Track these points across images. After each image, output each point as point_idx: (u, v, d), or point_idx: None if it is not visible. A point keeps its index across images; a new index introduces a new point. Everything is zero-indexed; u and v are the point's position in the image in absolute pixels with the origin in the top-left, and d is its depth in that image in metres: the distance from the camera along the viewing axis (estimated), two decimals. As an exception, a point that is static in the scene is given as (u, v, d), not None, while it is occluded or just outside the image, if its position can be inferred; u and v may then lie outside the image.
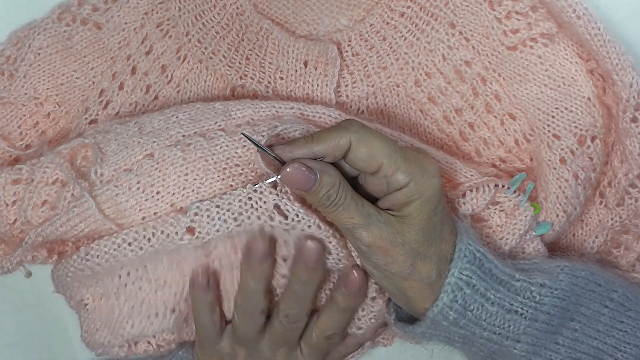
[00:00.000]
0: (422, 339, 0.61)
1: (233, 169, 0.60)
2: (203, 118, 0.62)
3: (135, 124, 0.63)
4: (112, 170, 0.61)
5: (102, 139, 0.62)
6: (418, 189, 0.56)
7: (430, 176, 0.56)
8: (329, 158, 0.57)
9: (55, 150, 0.63)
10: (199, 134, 0.61)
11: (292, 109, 0.63)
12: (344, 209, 0.56)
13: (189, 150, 0.60)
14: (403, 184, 0.56)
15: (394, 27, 0.67)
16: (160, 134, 0.61)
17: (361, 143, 0.56)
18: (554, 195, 0.63)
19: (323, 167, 0.56)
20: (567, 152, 0.63)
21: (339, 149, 0.56)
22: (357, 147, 0.56)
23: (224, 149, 0.60)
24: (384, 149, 0.56)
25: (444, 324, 0.58)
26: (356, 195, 0.57)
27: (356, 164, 0.56)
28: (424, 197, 0.56)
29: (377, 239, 0.56)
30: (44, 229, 0.61)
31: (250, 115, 0.62)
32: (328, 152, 0.56)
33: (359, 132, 0.56)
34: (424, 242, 0.57)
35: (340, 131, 0.56)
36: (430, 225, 0.57)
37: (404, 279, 0.57)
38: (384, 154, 0.56)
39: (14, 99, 0.68)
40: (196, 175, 0.60)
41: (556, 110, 0.64)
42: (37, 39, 0.68)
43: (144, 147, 0.61)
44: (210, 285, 0.62)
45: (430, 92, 0.68)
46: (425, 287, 0.57)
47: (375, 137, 0.56)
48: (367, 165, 0.56)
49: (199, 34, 0.68)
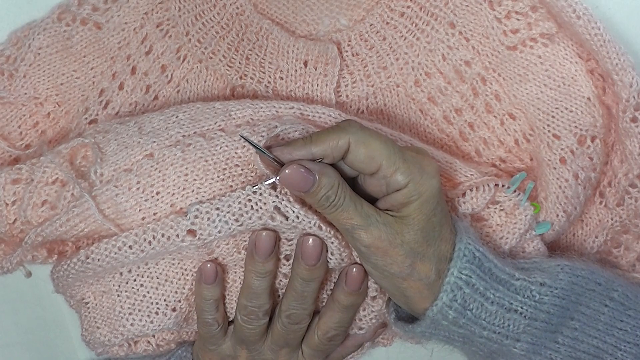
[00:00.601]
0: (422, 338, 0.61)
1: (233, 170, 0.60)
2: (203, 118, 0.62)
3: (135, 123, 0.63)
4: (111, 171, 0.61)
5: (102, 138, 0.62)
6: (417, 189, 0.56)
7: (429, 177, 0.56)
8: (327, 159, 0.57)
9: (55, 150, 0.63)
10: (198, 134, 0.61)
11: (292, 108, 0.63)
12: (342, 210, 0.56)
13: (188, 150, 0.60)
14: (402, 184, 0.56)
15: (394, 27, 0.67)
16: (160, 134, 0.61)
17: (360, 144, 0.56)
18: (554, 195, 0.63)
19: (322, 169, 0.56)
20: (567, 152, 0.63)
21: (338, 150, 0.56)
22: (356, 148, 0.56)
23: (223, 149, 0.60)
24: (382, 150, 0.55)
25: (443, 323, 0.58)
26: (355, 196, 0.57)
27: (355, 165, 0.56)
28: (423, 198, 0.56)
29: (376, 240, 0.56)
30: (43, 229, 0.61)
31: (250, 115, 0.62)
32: (327, 153, 0.56)
33: (358, 133, 0.56)
34: (423, 242, 0.57)
35: (339, 132, 0.56)
36: (429, 226, 0.57)
37: (403, 279, 0.57)
38: (382, 155, 0.55)
39: (14, 99, 0.68)
40: (196, 175, 0.60)
41: (556, 110, 0.64)
42: (37, 39, 0.68)
43: (143, 147, 0.61)
44: (218, 280, 0.62)
45: (430, 92, 0.68)
46: (425, 287, 0.57)
47: (374, 138, 0.56)
48: (366, 166, 0.56)
49: (198, 33, 0.68)
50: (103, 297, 0.64)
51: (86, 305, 0.64)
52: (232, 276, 0.63)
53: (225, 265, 0.63)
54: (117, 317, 0.63)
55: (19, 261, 0.64)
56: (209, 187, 0.60)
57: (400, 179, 0.56)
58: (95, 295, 0.64)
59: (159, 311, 0.63)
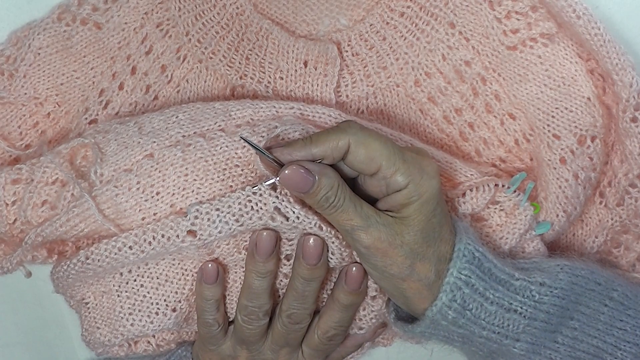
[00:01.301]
0: (422, 338, 0.61)
1: (233, 170, 0.60)
2: (203, 118, 0.62)
3: (135, 123, 0.63)
4: (111, 171, 0.61)
5: (102, 139, 0.62)
6: (417, 190, 0.56)
7: (429, 177, 0.56)
8: (327, 160, 0.56)
9: (55, 150, 0.63)
10: (198, 134, 0.61)
11: (292, 109, 0.63)
12: (342, 211, 0.56)
13: (188, 150, 0.60)
14: (402, 185, 0.56)
15: (393, 27, 0.67)
16: (160, 134, 0.61)
17: (360, 145, 0.55)
18: (554, 195, 0.63)
19: (321, 169, 0.56)
20: (567, 151, 0.63)
21: (338, 150, 0.56)
22: (356, 149, 0.55)
23: (223, 150, 0.60)
24: (382, 151, 0.55)
25: (443, 324, 0.58)
26: (355, 197, 0.57)
27: (355, 166, 0.56)
28: (423, 199, 0.56)
29: (376, 241, 0.56)
30: (43, 229, 0.61)
31: (250, 116, 0.62)
32: (327, 154, 0.56)
33: (358, 133, 0.56)
34: (423, 243, 0.57)
35: (339, 133, 0.56)
36: (429, 226, 0.57)
37: (402, 280, 0.57)
38: (382, 156, 0.55)
39: (14, 99, 0.68)
40: (196, 175, 0.60)
41: (556, 110, 0.64)
42: (37, 39, 0.68)
43: (143, 147, 0.61)
44: (219, 280, 0.62)
45: (430, 92, 0.68)
46: (424, 287, 0.57)
47: (374, 139, 0.56)
48: (366, 167, 0.56)
49: (198, 33, 0.68)
50: (103, 298, 0.64)
51: (86, 306, 0.64)
52: (233, 276, 0.63)
53: (225, 266, 0.63)
54: (117, 317, 0.63)
55: (19, 261, 0.64)
56: (209, 187, 0.60)
57: (400, 179, 0.56)
58: (95, 295, 0.64)
59: (159, 311, 0.63)
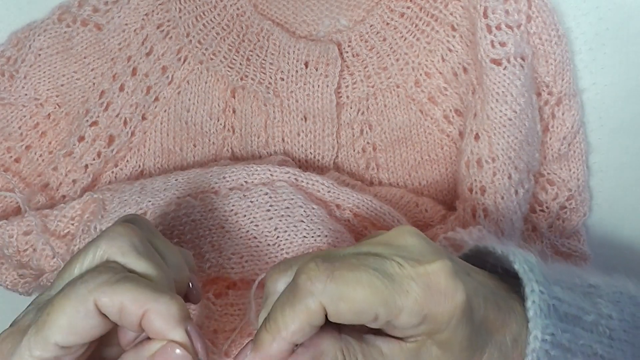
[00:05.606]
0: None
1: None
2: (199, 180, 0.63)
3: (139, 184, 0.64)
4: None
5: (109, 196, 0.64)
6: (436, 319, 0.43)
7: (442, 296, 0.43)
8: (305, 334, 0.43)
9: (69, 205, 0.64)
10: (192, 195, 0.62)
11: (287, 173, 0.62)
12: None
13: (179, 210, 0.61)
14: (415, 323, 0.43)
15: (394, 28, 0.67)
16: (157, 194, 0.62)
17: (337, 302, 0.42)
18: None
19: (315, 353, 0.43)
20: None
21: (314, 318, 0.42)
22: (335, 307, 0.42)
23: (212, 211, 0.61)
24: (371, 299, 0.42)
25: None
26: (367, 352, 0.44)
27: (345, 321, 0.43)
28: (451, 325, 0.43)
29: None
30: (50, 279, 0.63)
31: (243, 179, 0.62)
32: (303, 331, 0.42)
33: (326, 289, 0.42)
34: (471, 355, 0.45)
35: (302, 298, 0.42)
36: (471, 338, 0.45)
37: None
38: (374, 304, 0.42)
39: (15, 100, 0.68)
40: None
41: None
42: (37, 40, 0.68)
43: (139, 205, 0.62)
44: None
45: (430, 92, 0.68)
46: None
47: (352, 288, 0.42)
48: (359, 319, 0.43)
49: (199, 35, 0.68)
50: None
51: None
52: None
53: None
54: None
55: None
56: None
57: (408, 320, 0.43)
58: None
59: None
